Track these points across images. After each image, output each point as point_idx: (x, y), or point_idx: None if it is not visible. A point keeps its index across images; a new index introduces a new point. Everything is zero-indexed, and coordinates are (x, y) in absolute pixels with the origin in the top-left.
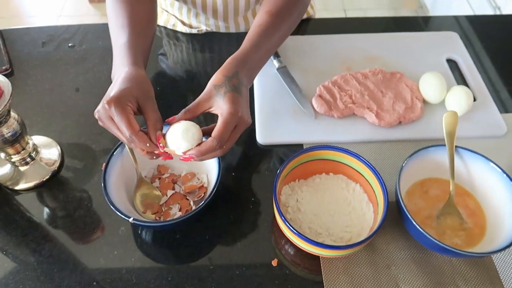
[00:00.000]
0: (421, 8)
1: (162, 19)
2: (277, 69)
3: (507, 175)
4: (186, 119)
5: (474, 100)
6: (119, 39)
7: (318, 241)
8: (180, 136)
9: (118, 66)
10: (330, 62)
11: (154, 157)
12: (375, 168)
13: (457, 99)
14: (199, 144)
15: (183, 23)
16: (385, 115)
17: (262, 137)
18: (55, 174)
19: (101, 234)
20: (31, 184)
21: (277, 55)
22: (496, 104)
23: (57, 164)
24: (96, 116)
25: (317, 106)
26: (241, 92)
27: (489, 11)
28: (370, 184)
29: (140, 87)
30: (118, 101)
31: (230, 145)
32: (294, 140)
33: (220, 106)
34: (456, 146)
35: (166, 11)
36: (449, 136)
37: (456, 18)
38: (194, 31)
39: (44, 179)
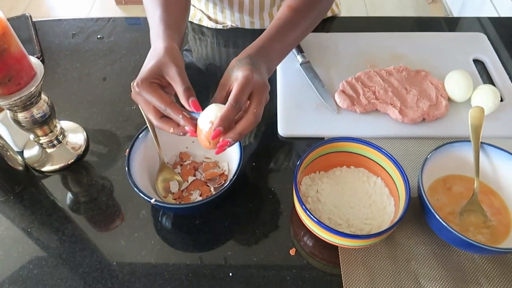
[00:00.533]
0: (448, 17)
1: (189, 14)
2: (301, 64)
3: None
4: (221, 97)
5: (501, 100)
6: (154, 14)
7: (338, 229)
8: (213, 114)
9: (153, 39)
10: (354, 59)
11: (181, 133)
12: (397, 161)
13: (484, 98)
14: None
15: (209, 18)
16: (409, 111)
17: (283, 129)
18: (80, 158)
19: (122, 217)
20: (57, 167)
21: (300, 51)
22: None
23: (82, 149)
24: (135, 101)
25: (339, 101)
26: (260, 71)
27: None
28: (391, 177)
29: (164, 61)
30: (144, 82)
31: (260, 111)
32: (316, 134)
33: (238, 73)
34: (481, 142)
35: (193, 5)
36: (475, 130)
37: (479, 19)
38: (219, 26)
39: (69, 162)
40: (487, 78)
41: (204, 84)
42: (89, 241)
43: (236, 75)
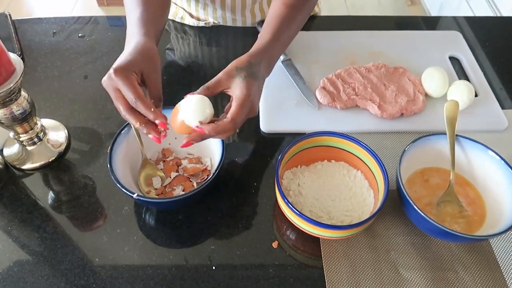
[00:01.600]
0: (426, 16)
1: (171, 12)
2: (282, 61)
3: (506, 162)
4: (205, 95)
5: (476, 95)
6: (133, 14)
7: (319, 221)
8: (193, 108)
9: (129, 38)
10: (334, 56)
11: (146, 131)
12: (376, 154)
13: (459, 93)
14: (212, 121)
15: (191, 16)
16: (388, 107)
17: (265, 125)
18: (62, 156)
19: (104, 213)
20: (37, 164)
21: None
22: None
23: (63, 146)
24: (104, 85)
25: (320, 97)
26: (259, 81)
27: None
28: (371, 170)
29: (147, 60)
30: (122, 71)
31: (241, 121)
32: (297, 129)
33: (238, 88)
34: (456, 135)
35: (175, 3)
36: (450, 122)
37: (455, 19)
38: (201, 24)
39: (50, 160)
40: (463, 75)
41: (188, 82)
42: (71, 238)
43: (239, 89)
